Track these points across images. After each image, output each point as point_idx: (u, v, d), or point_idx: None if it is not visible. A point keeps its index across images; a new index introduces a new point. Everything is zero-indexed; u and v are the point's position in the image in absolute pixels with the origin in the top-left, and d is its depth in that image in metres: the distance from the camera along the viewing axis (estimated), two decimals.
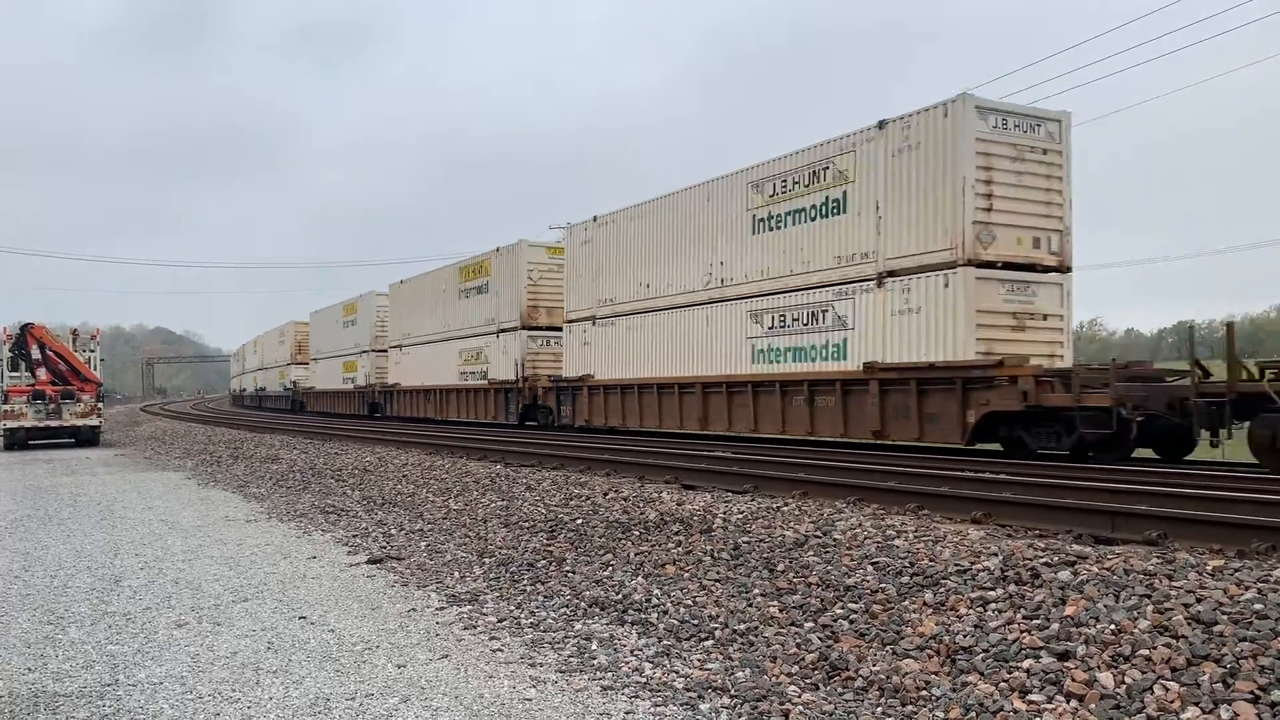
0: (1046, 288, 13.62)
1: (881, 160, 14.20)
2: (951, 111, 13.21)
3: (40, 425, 26.53)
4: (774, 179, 16.38)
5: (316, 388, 42.33)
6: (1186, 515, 6.64)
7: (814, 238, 15.45)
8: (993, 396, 12.41)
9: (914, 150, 13.69)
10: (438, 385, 29.22)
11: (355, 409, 36.30)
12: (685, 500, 8.81)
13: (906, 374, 13.58)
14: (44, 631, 6.12)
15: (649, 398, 19.35)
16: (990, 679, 4.35)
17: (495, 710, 4.49)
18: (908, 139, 13.80)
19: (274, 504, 12.47)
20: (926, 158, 13.51)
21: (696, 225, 18.47)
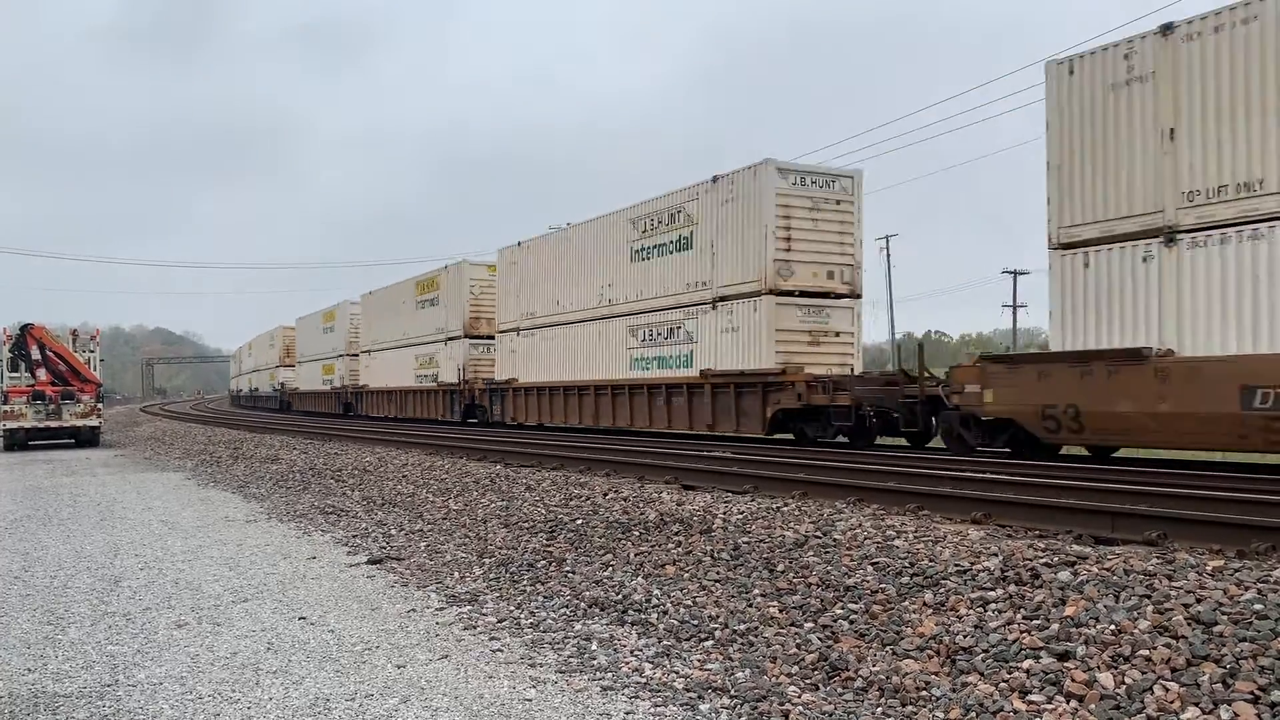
0: (839, 311, 16.98)
1: (713, 208, 17.68)
2: (758, 172, 16.62)
3: (40, 426, 26.54)
4: (645, 218, 19.89)
5: (300, 389, 45.42)
6: (1186, 515, 6.63)
7: (671, 268, 19.01)
8: (782, 397, 15.80)
9: (734, 202, 17.15)
10: (399, 387, 32.62)
11: (332, 408, 39.49)
12: (685, 500, 8.80)
13: (729, 379, 16.96)
14: (44, 632, 6.12)
15: (558, 398, 22.62)
16: (990, 679, 4.35)
17: (495, 710, 4.49)
18: (731, 192, 17.22)
19: (274, 504, 12.47)
20: (742, 208, 16.95)
21: (593, 253, 21.81)
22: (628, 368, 20.25)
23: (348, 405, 37.43)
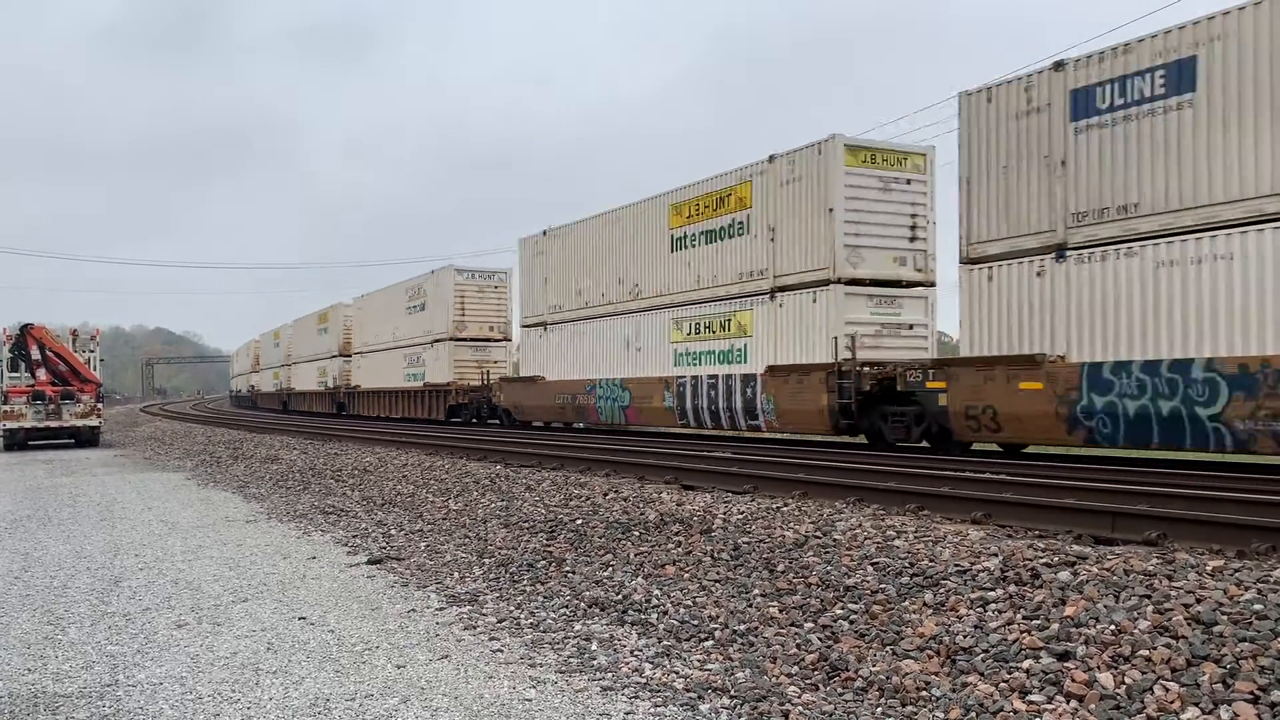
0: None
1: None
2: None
3: (40, 426, 26.53)
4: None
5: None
6: (1186, 515, 6.64)
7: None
8: None
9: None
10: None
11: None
12: (685, 501, 8.80)
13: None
14: (44, 632, 6.12)
15: None
16: (990, 679, 4.35)
17: (495, 711, 4.49)
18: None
19: (274, 504, 12.47)
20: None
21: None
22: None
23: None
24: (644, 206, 19.85)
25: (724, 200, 17.52)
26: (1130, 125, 11.05)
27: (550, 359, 23.27)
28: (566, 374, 22.36)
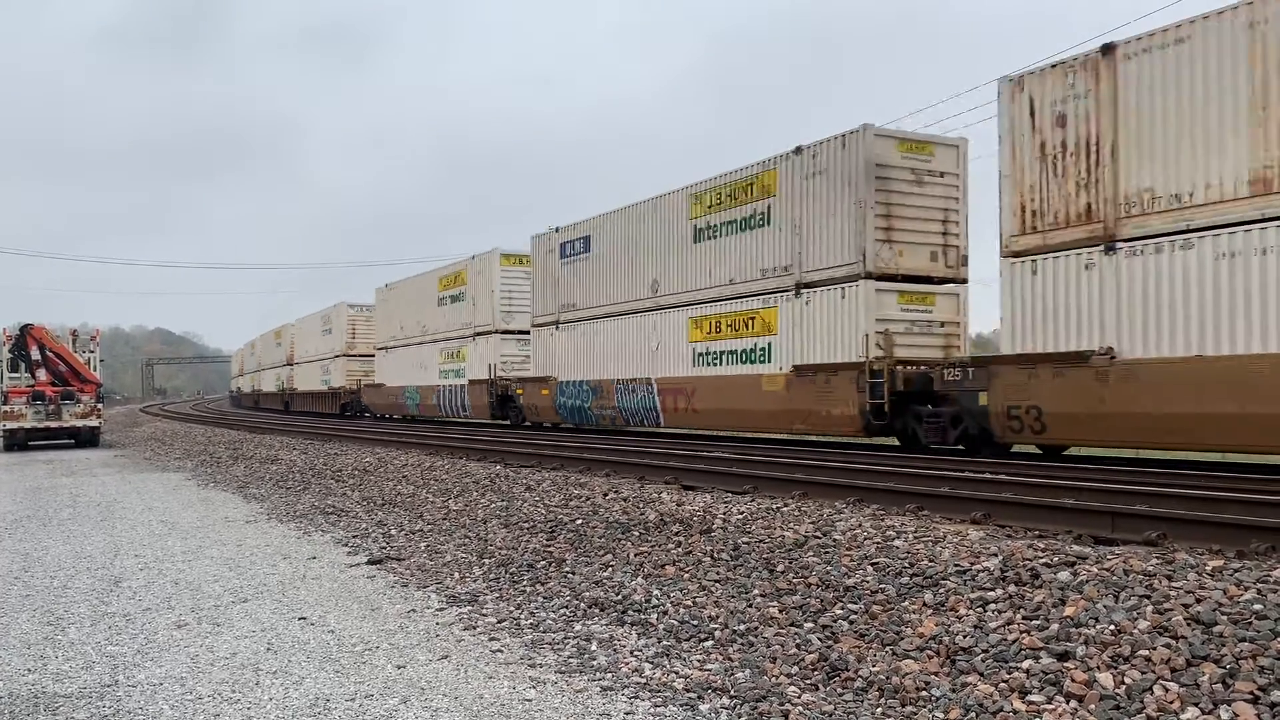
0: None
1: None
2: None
3: (40, 426, 26.53)
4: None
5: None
6: (1186, 516, 6.64)
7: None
8: None
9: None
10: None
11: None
12: (685, 501, 8.80)
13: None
14: (44, 632, 6.12)
15: None
16: (990, 679, 4.36)
17: (495, 711, 4.49)
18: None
19: (274, 505, 12.47)
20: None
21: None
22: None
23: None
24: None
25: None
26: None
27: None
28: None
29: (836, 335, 14.97)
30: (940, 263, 15.02)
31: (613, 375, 20.81)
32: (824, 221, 15.29)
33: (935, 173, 14.99)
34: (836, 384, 14.76)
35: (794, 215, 15.89)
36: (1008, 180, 12.46)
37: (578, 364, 22.29)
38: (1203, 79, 10.53)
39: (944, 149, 15.21)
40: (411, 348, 31.91)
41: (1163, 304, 10.79)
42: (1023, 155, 12.32)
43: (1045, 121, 12.11)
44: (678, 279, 18.89)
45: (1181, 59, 10.75)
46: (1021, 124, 12.37)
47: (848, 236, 14.79)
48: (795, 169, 15.88)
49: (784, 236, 16.10)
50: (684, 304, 18.67)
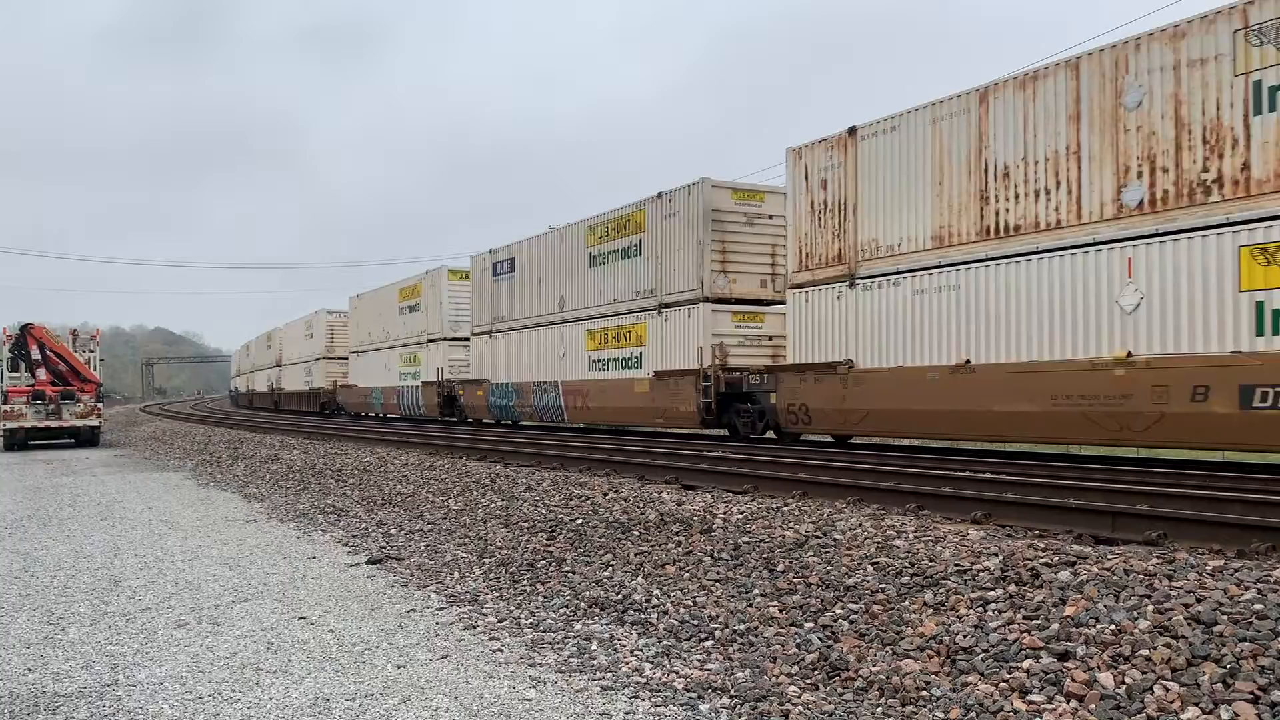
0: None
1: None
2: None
3: (40, 425, 26.53)
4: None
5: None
6: (1186, 515, 6.64)
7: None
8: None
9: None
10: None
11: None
12: (685, 500, 8.80)
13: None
14: (44, 632, 6.12)
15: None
16: (990, 679, 4.35)
17: (495, 710, 4.49)
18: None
19: (274, 504, 12.47)
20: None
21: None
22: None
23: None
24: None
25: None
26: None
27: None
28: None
29: (684, 347, 18.43)
30: (769, 288, 18.25)
31: (530, 378, 24.16)
32: (677, 254, 18.80)
33: (765, 215, 18.24)
34: (682, 386, 18.25)
35: (657, 248, 19.43)
36: (791, 229, 15.95)
37: (505, 368, 25.59)
38: (906, 159, 13.87)
39: (774, 195, 18.23)
40: (377, 352, 35.43)
41: (880, 327, 14.24)
42: (800, 210, 15.74)
43: (814, 184, 15.51)
44: (578, 297, 22.39)
45: (894, 143, 14.08)
46: (799, 185, 15.78)
47: (691, 267, 18.36)
48: (658, 210, 19.34)
49: (651, 265, 19.68)
50: (583, 318, 22.04)
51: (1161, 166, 10.96)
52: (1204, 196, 10.57)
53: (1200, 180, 10.61)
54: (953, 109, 13.28)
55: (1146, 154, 11.11)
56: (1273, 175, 10.02)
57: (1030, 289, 12.18)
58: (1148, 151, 11.10)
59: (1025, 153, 12.36)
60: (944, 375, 12.99)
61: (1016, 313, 12.34)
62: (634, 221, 20.23)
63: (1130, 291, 11.12)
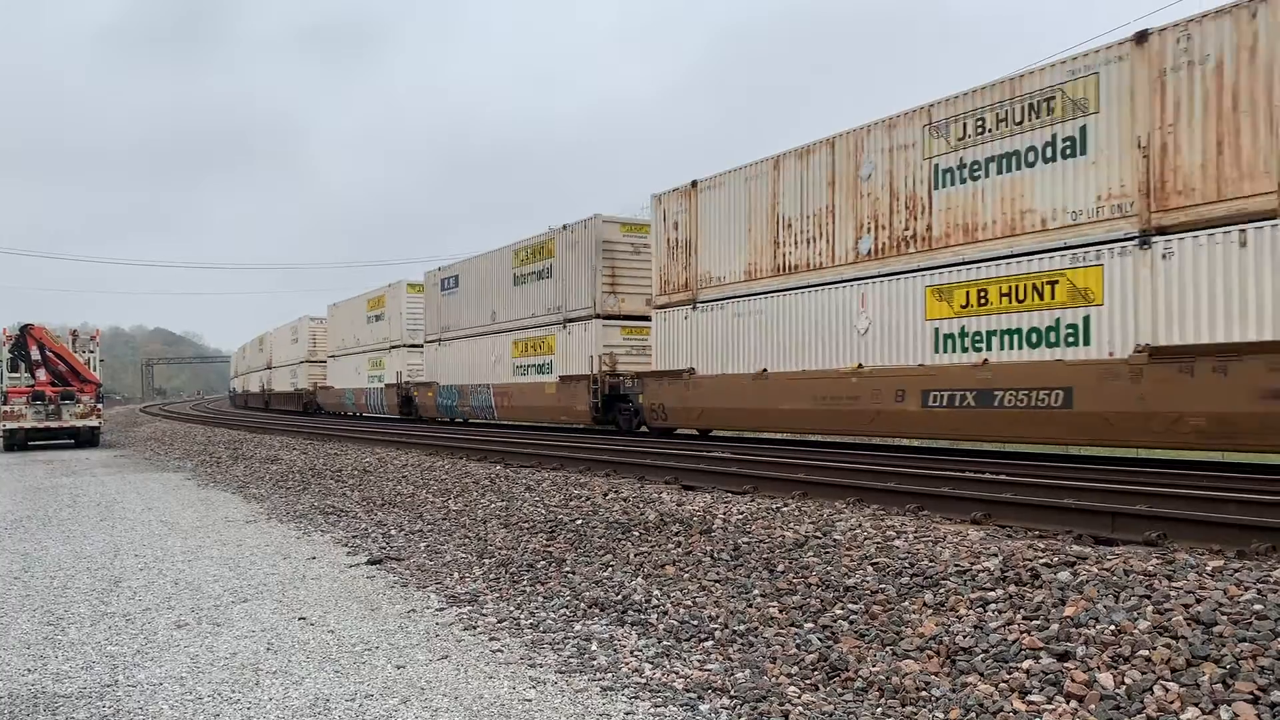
0: None
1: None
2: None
3: (40, 426, 26.53)
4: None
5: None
6: (1186, 516, 6.64)
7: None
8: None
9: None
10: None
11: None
12: (685, 501, 8.80)
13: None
14: (44, 632, 6.12)
15: None
16: (990, 679, 4.35)
17: (495, 711, 4.49)
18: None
19: (274, 505, 12.47)
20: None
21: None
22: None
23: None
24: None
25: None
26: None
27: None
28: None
29: (582, 356, 21.61)
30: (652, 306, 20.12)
31: (469, 381, 27.23)
32: (577, 278, 22.05)
33: (648, 245, 20.11)
34: (578, 389, 21.44)
35: (563, 272, 22.69)
36: (655, 260, 19.44)
37: (450, 372, 28.71)
38: (729, 209, 17.37)
39: None
40: (350, 357, 38.68)
41: (711, 342, 17.73)
42: (661, 245, 19.21)
43: (670, 225, 18.97)
44: (506, 311, 25.56)
45: (721, 195, 17.57)
46: (659, 225, 19.26)
47: (587, 289, 21.60)
48: (563, 240, 22.68)
49: (558, 286, 22.93)
50: (509, 330, 25.23)
51: (882, 224, 14.34)
52: (906, 248, 13.94)
53: (904, 236, 13.98)
54: (758, 171, 16.69)
55: (873, 214, 14.47)
56: (945, 234, 13.30)
57: (803, 315, 15.66)
58: (874, 212, 14.46)
59: (801, 209, 15.82)
60: (749, 380, 16.65)
61: (795, 333, 15.81)
62: (546, 249, 23.60)
63: (863, 318, 14.55)
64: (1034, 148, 12.30)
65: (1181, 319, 10.62)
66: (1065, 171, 11.93)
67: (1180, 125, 10.73)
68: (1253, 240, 9.98)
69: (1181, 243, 10.63)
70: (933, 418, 13.06)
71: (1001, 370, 12.35)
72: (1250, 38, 10.09)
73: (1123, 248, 11.24)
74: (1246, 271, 10.04)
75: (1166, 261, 10.78)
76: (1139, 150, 11.13)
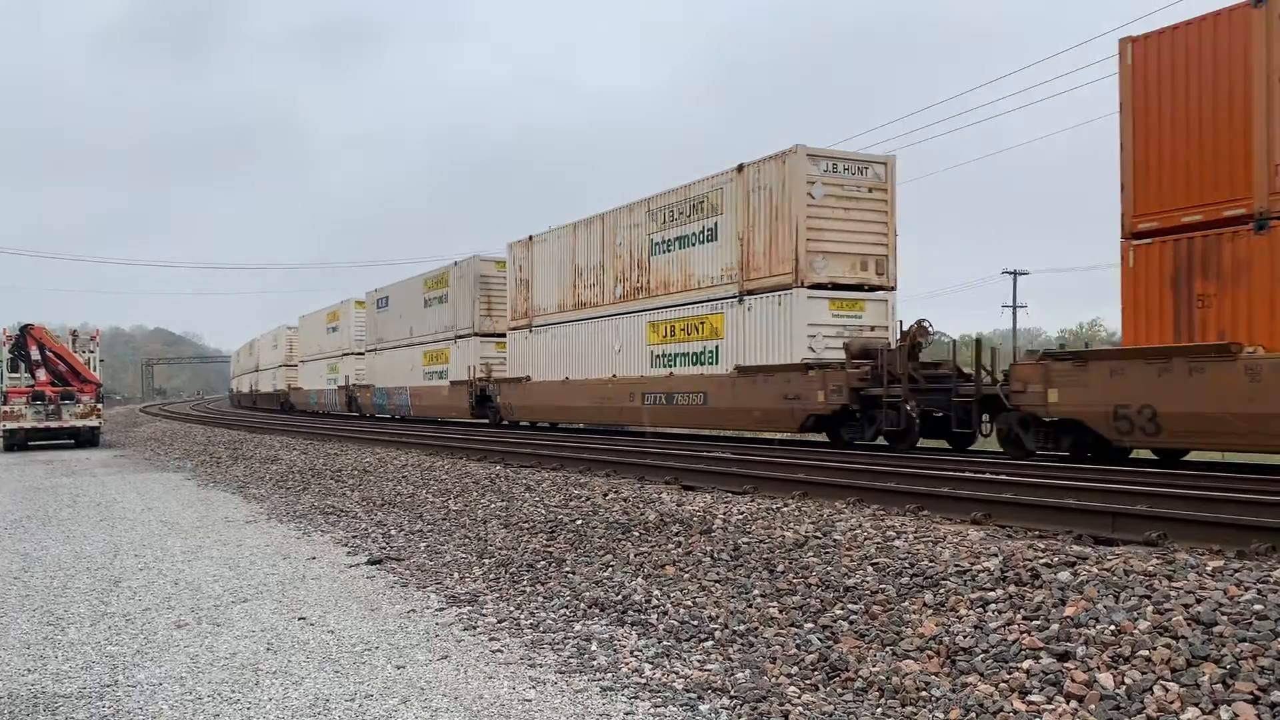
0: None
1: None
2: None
3: (40, 426, 26.52)
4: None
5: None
6: (1186, 516, 6.63)
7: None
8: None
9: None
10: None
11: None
12: (685, 501, 8.80)
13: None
14: (43, 632, 6.12)
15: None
16: (990, 680, 4.35)
17: (495, 711, 4.49)
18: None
19: (273, 505, 12.47)
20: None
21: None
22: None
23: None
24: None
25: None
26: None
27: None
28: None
29: (464, 364, 27.72)
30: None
31: (394, 384, 33.38)
32: (463, 303, 28.16)
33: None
34: (462, 390, 27.54)
35: (454, 298, 28.87)
36: (508, 293, 25.84)
37: (382, 376, 34.81)
38: (552, 258, 23.67)
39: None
40: (314, 362, 45.09)
41: (540, 357, 24.02)
42: (512, 282, 25.76)
43: (517, 267, 25.45)
44: (419, 327, 31.46)
45: (546, 247, 23.98)
46: (511, 266, 25.77)
47: (468, 312, 27.80)
48: (455, 273, 28.84)
49: (451, 309, 28.95)
50: (421, 343, 31.16)
51: (627, 277, 20.84)
52: (638, 295, 20.44)
53: (637, 286, 20.51)
54: (566, 233, 23.27)
55: (623, 270, 20.94)
56: (656, 287, 19.82)
57: (587, 339, 22.15)
58: (623, 269, 20.95)
59: (588, 262, 22.33)
60: (559, 385, 23.15)
61: (583, 352, 22.26)
62: (444, 279, 29.61)
63: (617, 343, 20.98)
64: (695, 233, 18.77)
65: (753, 350, 16.96)
66: (709, 251, 18.31)
67: (755, 227, 17.00)
68: (782, 301, 16.36)
69: (755, 300, 17.01)
70: (659, 412, 19.29)
71: (678, 380, 18.85)
72: (784, 175, 16.36)
73: (732, 302, 17.53)
74: (778, 320, 16.45)
75: (750, 312, 17.10)
76: (740, 241, 17.38)
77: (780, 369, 15.81)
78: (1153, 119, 11.09)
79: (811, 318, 15.90)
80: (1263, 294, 10.06)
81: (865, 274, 16.33)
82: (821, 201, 15.94)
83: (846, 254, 16.21)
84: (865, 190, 16.47)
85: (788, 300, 16.00)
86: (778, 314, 16.26)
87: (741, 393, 16.48)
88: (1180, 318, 10.82)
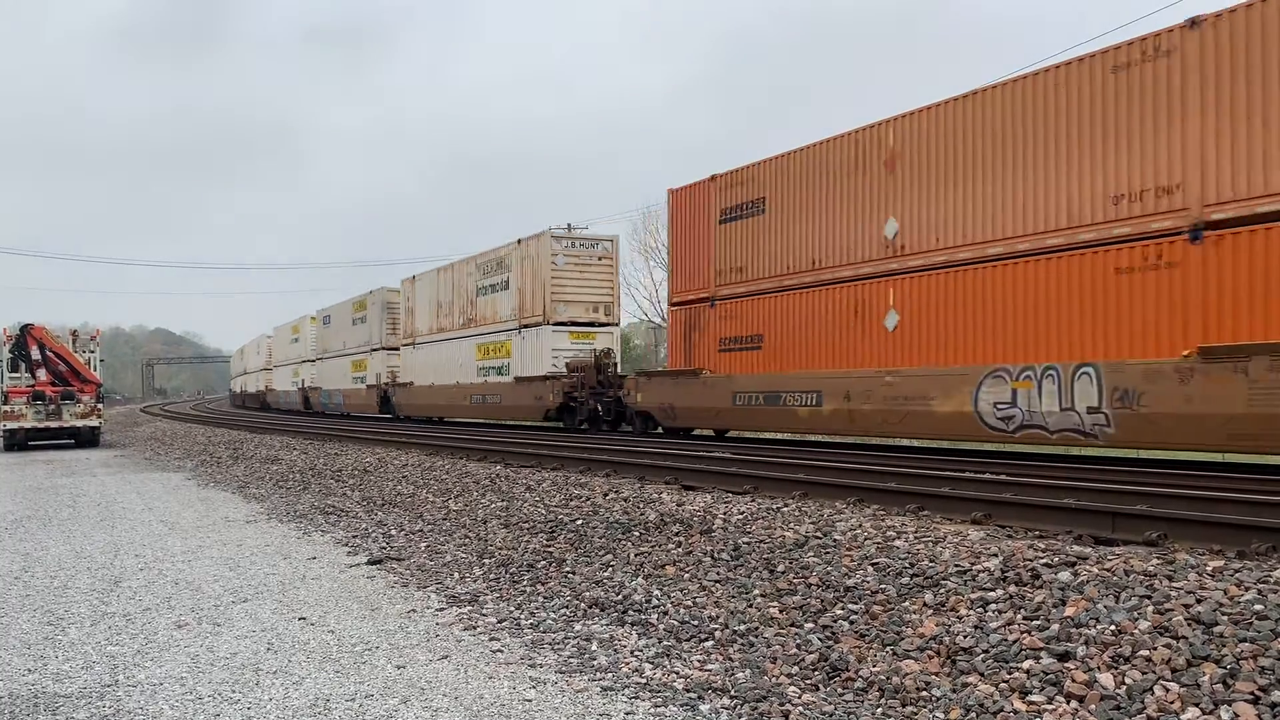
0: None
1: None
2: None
3: (40, 426, 26.52)
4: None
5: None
6: (1186, 516, 6.64)
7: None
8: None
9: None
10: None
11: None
12: (685, 501, 8.80)
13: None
14: (44, 632, 6.12)
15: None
16: (990, 680, 4.35)
17: (495, 711, 4.49)
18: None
19: (274, 505, 12.47)
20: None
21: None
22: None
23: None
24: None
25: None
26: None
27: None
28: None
29: (375, 371, 35.30)
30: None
31: (333, 386, 40.84)
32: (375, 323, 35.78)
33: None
34: (374, 392, 34.85)
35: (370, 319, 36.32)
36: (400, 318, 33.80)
37: (325, 380, 42.44)
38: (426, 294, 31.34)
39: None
40: (284, 367, 52.05)
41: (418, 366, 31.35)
42: (403, 310, 33.50)
43: (404, 297, 33.39)
44: (350, 341, 38.68)
45: (424, 284, 31.57)
46: (403, 299, 33.49)
47: (378, 330, 35.32)
48: (371, 299, 36.41)
49: (369, 327, 36.44)
50: (349, 354, 38.74)
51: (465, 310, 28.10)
52: (471, 325, 27.78)
53: (469, 317, 27.85)
54: (436, 275, 30.53)
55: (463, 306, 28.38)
56: (480, 319, 27.22)
57: (447, 355, 29.11)
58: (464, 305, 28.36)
59: (446, 297, 29.68)
60: (428, 388, 30.24)
61: (441, 364, 29.34)
62: (364, 303, 37.13)
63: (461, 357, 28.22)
64: (498, 283, 26.40)
65: (526, 366, 24.27)
66: (504, 296, 25.91)
67: (526, 282, 24.63)
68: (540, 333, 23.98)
69: (527, 331, 24.44)
70: (475, 408, 27.40)
71: (489, 386, 26.26)
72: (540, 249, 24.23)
73: (515, 332, 25.03)
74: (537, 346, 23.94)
75: (524, 340, 24.51)
76: (519, 291, 24.97)
77: (535, 379, 23.56)
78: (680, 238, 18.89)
79: (556, 344, 23.50)
80: (711, 341, 17.71)
81: (596, 314, 24.15)
82: (563, 268, 23.87)
83: (581, 301, 24.03)
84: (596, 259, 24.47)
85: (543, 332, 23.75)
86: (537, 342, 24.00)
87: (518, 394, 24.51)
88: (686, 353, 18.39)
